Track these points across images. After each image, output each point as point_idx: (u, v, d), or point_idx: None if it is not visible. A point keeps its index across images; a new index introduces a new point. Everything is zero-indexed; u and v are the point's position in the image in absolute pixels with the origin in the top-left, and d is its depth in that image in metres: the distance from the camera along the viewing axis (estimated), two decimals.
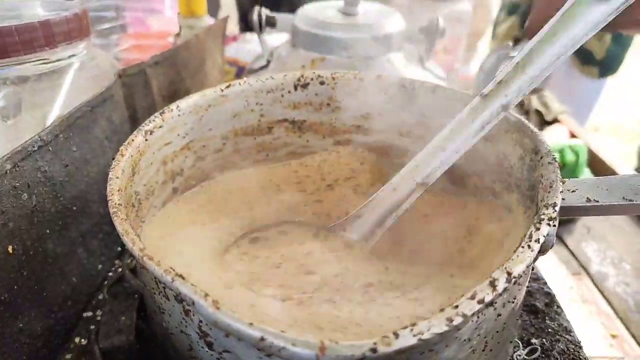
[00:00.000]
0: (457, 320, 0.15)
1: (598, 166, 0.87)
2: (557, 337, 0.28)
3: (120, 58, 0.64)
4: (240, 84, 0.31)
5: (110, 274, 0.34)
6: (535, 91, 1.17)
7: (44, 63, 0.30)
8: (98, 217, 0.33)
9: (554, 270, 0.70)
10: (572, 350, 0.28)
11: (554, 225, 0.21)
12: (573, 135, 1.00)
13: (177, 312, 0.17)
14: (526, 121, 0.27)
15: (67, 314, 0.30)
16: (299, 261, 0.26)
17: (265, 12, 0.47)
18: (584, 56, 1.47)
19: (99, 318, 0.30)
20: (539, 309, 0.30)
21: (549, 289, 0.33)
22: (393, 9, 0.48)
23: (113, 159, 0.24)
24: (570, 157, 0.78)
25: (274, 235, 0.29)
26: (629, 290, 0.68)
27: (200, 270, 0.23)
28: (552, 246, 0.22)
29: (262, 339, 0.14)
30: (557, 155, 0.24)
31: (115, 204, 0.19)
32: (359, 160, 0.33)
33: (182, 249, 0.25)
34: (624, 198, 0.21)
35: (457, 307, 0.15)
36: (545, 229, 0.19)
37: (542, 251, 0.22)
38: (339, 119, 0.34)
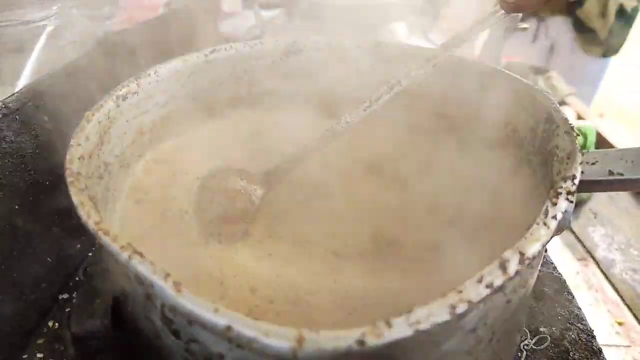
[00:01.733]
0: (462, 308, 0.12)
1: (602, 144, 0.85)
2: (568, 325, 0.26)
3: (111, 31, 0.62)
4: (226, 49, 0.28)
5: (90, 254, 0.32)
6: (541, 71, 1.13)
7: (12, 25, 0.28)
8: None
9: (559, 255, 0.68)
10: (584, 340, 0.25)
11: (572, 202, 0.19)
12: (580, 117, 0.97)
13: (139, 294, 0.15)
14: (539, 87, 0.24)
15: (40, 297, 0.28)
16: None
17: None
18: (588, 35, 1.42)
19: (75, 301, 0.28)
20: (548, 296, 0.28)
21: (559, 273, 0.31)
22: None
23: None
24: (579, 138, 0.75)
25: None
26: (636, 277, 0.66)
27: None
28: (569, 224, 0.19)
29: (228, 328, 0.12)
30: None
31: (74, 172, 0.17)
32: None
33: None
34: None
35: (461, 292, 0.13)
36: (563, 205, 0.16)
37: (559, 230, 0.19)
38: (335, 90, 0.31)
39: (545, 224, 0.15)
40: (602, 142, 0.88)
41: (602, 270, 0.66)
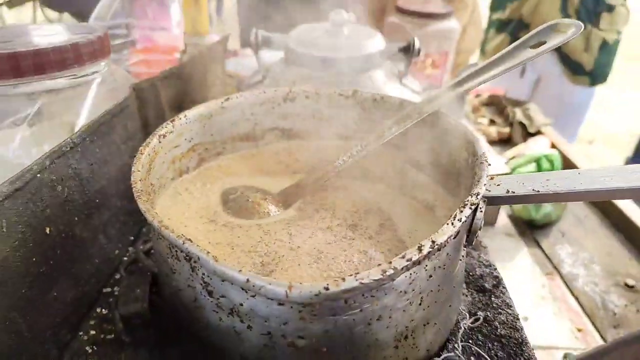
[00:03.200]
0: (389, 272, 0.20)
1: (570, 166, 0.93)
2: (500, 310, 0.34)
3: (130, 71, 0.71)
4: (237, 97, 0.37)
5: (125, 258, 0.40)
6: (519, 104, 1.23)
7: (73, 78, 0.36)
8: (116, 209, 0.39)
9: (529, 270, 0.75)
10: (510, 320, 0.33)
11: (481, 210, 0.27)
12: (553, 146, 1.06)
13: (185, 269, 0.23)
14: (471, 131, 0.32)
15: (90, 289, 0.35)
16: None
17: (261, 33, 0.54)
18: (575, 67, 1.53)
19: (116, 293, 0.36)
20: (487, 289, 0.36)
21: (498, 273, 0.39)
22: (374, 31, 0.54)
23: (133, 157, 0.29)
24: (546, 165, 0.84)
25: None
26: (597, 289, 0.73)
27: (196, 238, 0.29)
28: (480, 228, 0.27)
29: (247, 280, 0.20)
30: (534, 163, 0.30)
31: (138, 190, 0.25)
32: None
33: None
34: (533, 190, 0.26)
35: (390, 262, 0.21)
36: (467, 212, 0.24)
37: (473, 232, 0.27)
38: (318, 129, 0.40)
39: (452, 224, 0.23)
40: (569, 165, 0.97)
41: (566, 284, 0.73)
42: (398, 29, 1.06)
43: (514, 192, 0.27)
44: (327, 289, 0.19)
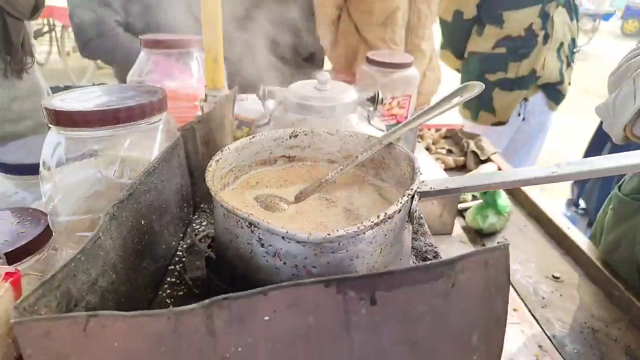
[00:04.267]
0: (362, 228, 0.38)
1: (515, 190, 1.15)
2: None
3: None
4: (259, 135, 0.55)
5: (179, 247, 0.56)
6: (472, 136, 1.45)
7: (148, 124, 0.54)
8: (173, 214, 0.56)
9: None
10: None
11: (416, 200, 0.45)
12: (499, 168, 1.27)
13: (246, 233, 0.40)
14: (412, 154, 0.51)
15: (161, 265, 0.52)
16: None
17: (267, 87, 0.73)
18: (557, 98, 1.79)
19: (178, 268, 0.52)
20: (428, 259, 0.54)
21: (437, 249, 0.57)
22: (349, 85, 0.74)
23: (185, 178, 0.47)
24: None
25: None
26: (530, 280, 0.92)
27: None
28: (416, 212, 0.46)
29: (287, 232, 0.37)
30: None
31: (214, 190, 0.42)
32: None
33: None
34: (445, 187, 0.45)
35: (362, 223, 0.39)
36: (405, 198, 0.42)
37: (411, 213, 0.46)
38: (316, 153, 0.58)
39: (397, 205, 0.41)
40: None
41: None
42: (368, 76, 1.28)
43: (433, 188, 0.45)
44: (329, 234, 0.37)
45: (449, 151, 1.38)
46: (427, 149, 1.38)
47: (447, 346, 0.37)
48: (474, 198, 1.11)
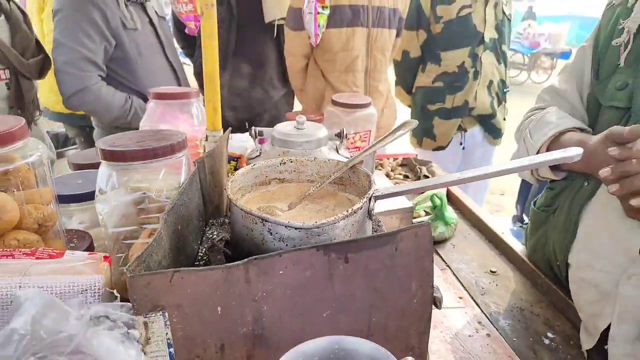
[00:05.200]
0: (337, 218, 0.58)
1: (459, 204, 1.38)
2: None
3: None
4: (258, 163, 0.75)
5: (200, 251, 0.74)
6: (424, 163, 1.70)
7: (177, 158, 0.73)
8: (194, 225, 0.74)
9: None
10: None
11: (372, 202, 0.66)
12: (448, 190, 1.51)
13: (259, 226, 0.59)
14: (369, 172, 0.72)
15: (190, 262, 0.70)
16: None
17: (257, 128, 0.94)
18: (496, 134, 2.07)
19: (202, 263, 0.70)
20: None
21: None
22: (321, 125, 0.96)
23: (201, 198, 0.66)
24: (437, 200, 1.26)
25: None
26: (472, 275, 1.13)
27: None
28: (373, 211, 0.66)
29: (289, 222, 0.57)
30: (429, 200, 0.74)
31: (234, 199, 0.62)
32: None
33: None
34: (391, 192, 0.66)
35: (338, 215, 0.59)
36: (364, 200, 0.63)
37: (370, 211, 0.66)
38: (300, 176, 0.79)
39: (359, 203, 0.62)
40: (456, 199, 1.41)
41: (454, 274, 1.13)
42: (334, 115, 1.51)
43: (383, 193, 0.66)
44: (316, 222, 0.57)
45: (405, 176, 1.61)
46: (387, 175, 1.62)
47: (396, 292, 0.57)
48: (427, 214, 1.34)
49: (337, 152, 0.95)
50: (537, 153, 0.94)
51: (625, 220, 0.80)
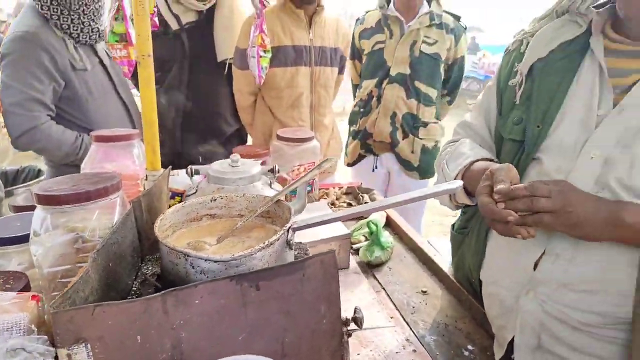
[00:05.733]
0: (252, 251, 0.65)
1: (397, 229, 1.48)
2: None
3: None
4: (189, 201, 0.82)
5: (134, 286, 0.79)
6: (367, 191, 1.80)
7: (110, 200, 0.79)
8: (128, 261, 0.79)
9: (366, 290, 1.22)
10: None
11: (291, 232, 0.73)
12: (388, 216, 1.60)
13: (182, 261, 0.65)
14: (289, 205, 0.80)
15: (123, 296, 0.74)
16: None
17: (193, 167, 1.00)
18: (406, 165, 2.18)
19: (135, 295, 0.75)
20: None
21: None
22: (255, 162, 1.03)
23: (136, 235, 0.72)
24: (373, 227, 1.36)
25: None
26: (405, 295, 1.22)
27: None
28: (293, 241, 0.73)
29: (207, 257, 0.63)
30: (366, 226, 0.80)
31: (161, 237, 0.68)
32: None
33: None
34: (306, 224, 0.74)
35: (254, 247, 0.66)
36: (282, 231, 0.70)
37: (289, 241, 0.74)
38: (231, 211, 0.85)
39: (276, 236, 0.69)
40: (394, 223, 1.51)
41: (388, 295, 1.21)
42: (279, 149, 1.59)
43: (300, 225, 0.74)
44: (232, 255, 0.64)
45: (349, 204, 1.71)
46: (332, 203, 1.70)
47: (306, 314, 0.64)
48: (366, 239, 1.42)
49: (270, 186, 1.03)
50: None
51: (521, 240, 0.91)
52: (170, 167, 1.10)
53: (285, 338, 0.63)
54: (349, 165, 2.32)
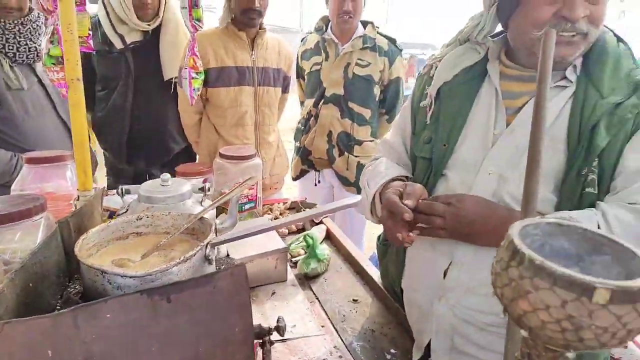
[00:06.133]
0: (170, 265, 0.70)
1: (335, 241, 1.54)
2: None
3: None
4: (115, 220, 0.85)
5: (57, 305, 0.81)
6: (309, 205, 1.86)
7: (33, 221, 0.81)
8: (52, 281, 0.81)
9: (301, 301, 1.27)
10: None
11: (210, 248, 0.78)
12: (328, 230, 1.67)
13: (100, 278, 0.69)
14: (211, 221, 0.85)
15: (49, 308, 0.76)
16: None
17: (123, 187, 1.03)
18: (343, 180, 2.27)
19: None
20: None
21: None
22: (186, 180, 1.08)
23: (63, 253, 0.75)
24: (309, 240, 1.42)
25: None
26: (337, 305, 1.28)
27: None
28: (212, 256, 0.78)
29: (124, 273, 0.67)
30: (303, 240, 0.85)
31: (80, 256, 0.71)
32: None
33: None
34: (224, 239, 0.79)
35: (170, 263, 0.70)
36: (199, 248, 0.75)
37: (207, 256, 0.78)
38: (157, 229, 0.89)
39: (192, 252, 0.74)
40: (333, 236, 1.57)
41: (321, 305, 1.27)
42: (222, 167, 1.64)
43: (220, 240, 0.79)
44: (148, 270, 0.68)
45: None
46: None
47: (218, 324, 0.69)
48: (305, 252, 1.48)
49: (201, 204, 1.07)
50: (373, 199, 1.11)
51: (434, 249, 1.00)
52: (104, 187, 1.13)
53: (199, 347, 0.68)
54: (293, 179, 2.40)
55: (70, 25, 0.93)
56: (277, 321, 0.90)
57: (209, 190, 1.08)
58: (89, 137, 2.17)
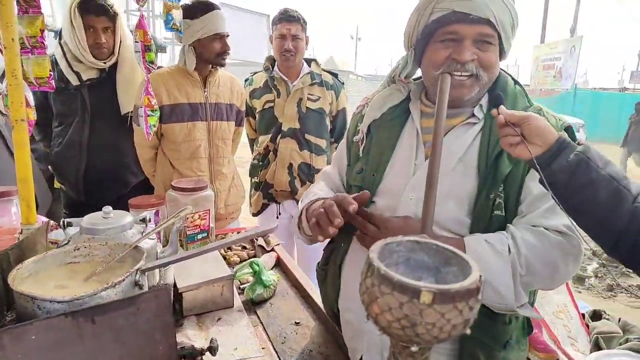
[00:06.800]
0: (96, 291, 0.76)
1: (284, 267, 1.61)
2: None
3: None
4: (54, 251, 0.91)
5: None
6: (262, 234, 1.92)
7: None
8: None
9: (245, 326, 1.32)
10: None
11: (138, 275, 0.84)
12: (278, 257, 1.74)
13: (30, 304, 0.74)
14: (143, 249, 0.92)
15: None
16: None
17: (66, 220, 1.09)
18: None
19: None
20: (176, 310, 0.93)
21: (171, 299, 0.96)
22: (127, 213, 1.14)
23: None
24: (255, 267, 1.48)
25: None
26: (280, 328, 1.33)
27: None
28: (144, 283, 0.85)
29: (52, 298, 0.73)
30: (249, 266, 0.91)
31: (12, 284, 0.76)
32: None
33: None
34: (153, 264, 0.86)
35: (98, 288, 0.76)
36: (128, 274, 0.82)
37: (137, 282, 0.85)
38: (94, 258, 0.95)
39: (121, 278, 0.80)
40: (282, 264, 1.64)
41: (264, 328, 1.32)
42: (174, 199, 1.69)
43: (150, 267, 0.86)
44: (75, 295, 0.74)
45: (244, 247, 1.83)
46: (229, 248, 1.81)
47: (142, 342, 0.75)
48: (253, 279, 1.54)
49: (142, 234, 1.13)
50: (300, 214, 1.20)
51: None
52: (48, 220, 1.18)
53: None
54: (254, 215, 2.45)
55: (15, 70, 1.01)
56: (210, 342, 0.96)
57: (149, 220, 1.15)
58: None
